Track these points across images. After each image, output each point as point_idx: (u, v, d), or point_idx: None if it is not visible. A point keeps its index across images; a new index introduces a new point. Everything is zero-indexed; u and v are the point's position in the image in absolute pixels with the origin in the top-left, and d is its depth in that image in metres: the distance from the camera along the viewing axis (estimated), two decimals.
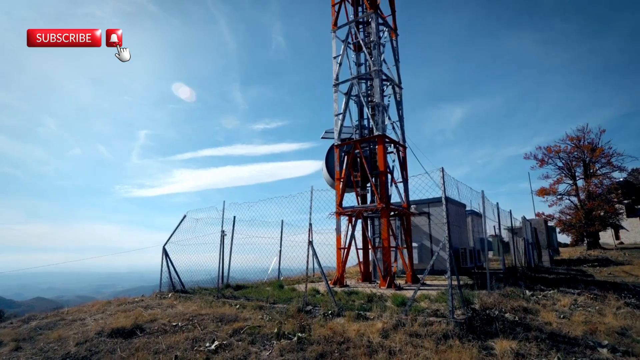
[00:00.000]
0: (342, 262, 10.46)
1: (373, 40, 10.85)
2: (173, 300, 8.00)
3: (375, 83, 10.53)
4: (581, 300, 6.66)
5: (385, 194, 9.93)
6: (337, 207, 10.69)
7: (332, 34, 11.96)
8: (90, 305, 7.45)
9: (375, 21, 10.93)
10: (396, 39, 12.20)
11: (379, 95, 10.40)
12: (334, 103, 11.50)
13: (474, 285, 8.06)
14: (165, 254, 9.43)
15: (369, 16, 11.16)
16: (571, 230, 37.19)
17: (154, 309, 6.83)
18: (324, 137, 13.82)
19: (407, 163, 11.34)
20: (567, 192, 37.52)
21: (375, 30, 10.87)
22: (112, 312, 6.54)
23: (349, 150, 11.20)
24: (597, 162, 35.97)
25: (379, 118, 10.26)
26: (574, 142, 36.79)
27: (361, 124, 12.04)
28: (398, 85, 11.73)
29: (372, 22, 10.97)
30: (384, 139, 10.20)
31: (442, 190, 5.79)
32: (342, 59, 11.59)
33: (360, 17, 11.60)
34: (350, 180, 11.31)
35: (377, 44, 10.79)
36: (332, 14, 12.17)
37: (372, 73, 10.75)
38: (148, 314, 6.09)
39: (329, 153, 13.41)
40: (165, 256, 9.43)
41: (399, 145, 11.18)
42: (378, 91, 10.42)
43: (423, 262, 13.59)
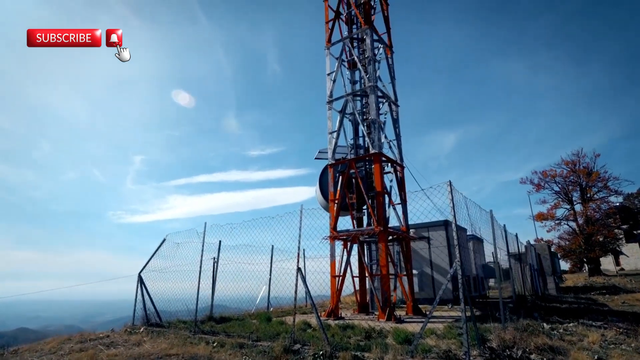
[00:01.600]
0: (337, 291, 9.55)
1: (368, 56, 10.43)
2: (144, 335, 7.02)
3: (371, 99, 10.00)
4: (610, 335, 5.84)
5: (383, 217, 9.19)
6: (331, 230, 9.90)
7: (326, 50, 11.56)
8: (45, 342, 6.46)
9: (370, 37, 10.55)
10: (391, 56, 11.82)
11: (374, 111, 9.85)
12: (328, 121, 10.94)
13: (484, 318, 7.20)
14: (140, 282, 8.49)
15: (364, 32, 10.79)
16: (571, 256, 36.36)
17: (117, 347, 5.88)
18: (318, 158, 13.17)
19: (405, 184, 10.66)
20: (565, 217, 36.96)
21: (370, 45, 10.47)
22: (67, 352, 5.58)
23: (344, 170, 10.52)
24: (593, 186, 35.63)
25: (375, 135, 9.66)
26: (570, 166, 36.60)
27: (356, 143, 11.44)
28: (394, 102, 11.23)
29: (367, 37, 10.59)
30: (380, 158, 9.56)
31: (451, 207, 5.06)
32: (336, 75, 11.13)
33: (355, 33, 11.24)
34: (345, 202, 10.59)
35: (372, 60, 10.35)
36: (326, 31, 11.83)
37: (367, 89, 10.25)
38: (106, 355, 5.15)
39: (322, 174, 12.72)
40: (141, 284, 8.49)
41: (397, 165, 10.54)
42: (374, 107, 9.88)
43: (424, 290, 12.66)
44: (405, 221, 10.25)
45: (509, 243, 10.56)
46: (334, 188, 10.45)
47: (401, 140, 11.10)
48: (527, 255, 13.57)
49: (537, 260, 15.83)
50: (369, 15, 10.82)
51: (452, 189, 5.18)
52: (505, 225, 10.35)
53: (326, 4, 12.07)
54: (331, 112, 10.95)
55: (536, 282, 14.08)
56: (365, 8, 10.88)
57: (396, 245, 11.54)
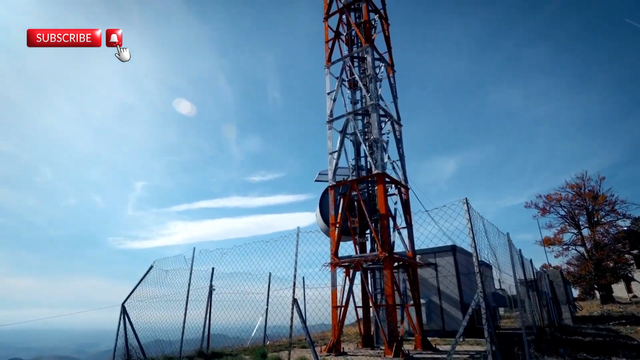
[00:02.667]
0: (339, 323, 8.79)
1: (369, 74, 10.10)
2: None
3: (373, 118, 9.58)
4: None
5: (388, 241, 8.55)
6: (332, 257, 9.24)
7: (326, 69, 11.28)
8: None
9: (371, 55, 10.26)
10: (393, 75, 11.53)
11: (377, 130, 9.41)
12: (328, 140, 10.49)
13: (504, 354, 6.43)
14: (123, 314, 7.77)
15: (365, 50, 10.51)
16: (581, 282, 35.10)
17: None
18: (318, 180, 12.66)
19: (410, 206, 10.08)
20: (573, 242, 35.95)
21: (371, 63, 10.16)
22: None
23: (345, 192, 9.96)
24: (600, 210, 34.84)
25: (378, 155, 9.17)
26: (575, 189, 35.94)
27: (358, 164, 10.95)
28: (397, 121, 10.82)
29: (368, 55, 10.30)
30: (384, 178, 9.03)
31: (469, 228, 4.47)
32: (336, 94, 10.78)
33: (355, 51, 10.98)
34: (347, 226, 9.97)
35: (373, 77, 10.01)
36: (326, 50, 11.59)
37: (369, 107, 9.85)
38: None
39: (323, 196, 12.16)
40: (124, 316, 7.76)
41: (401, 186, 9.99)
42: (376, 126, 9.44)
43: (432, 321, 11.80)
44: (412, 246, 9.60)
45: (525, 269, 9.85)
46: (335, 211, 9.87)
47: (405, 161, 10.61)
48: (541, 282, 12.78)
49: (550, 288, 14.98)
50: (369, 34, 10.59)
51: (469, 208, 4.60)
52: (520, 250, 9.68)
53: (326, 23, 11.91)
54: (331, 132, 10.52)
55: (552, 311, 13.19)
56: (366, 26, 10.67)
57: (401, 272, 10.83)
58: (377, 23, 11.77)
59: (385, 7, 12.27)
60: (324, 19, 11.98)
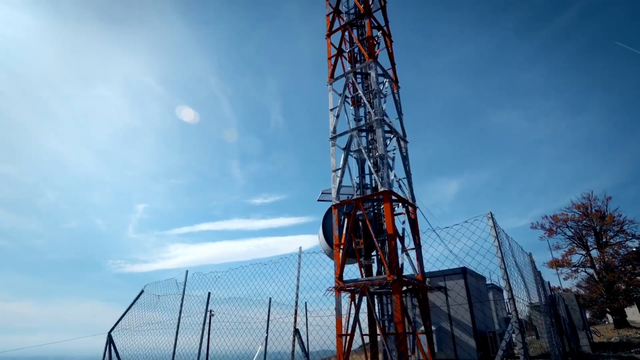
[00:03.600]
0: (344, 353, 8.12)
1: (374, 89, 9.81)
2: None
3: (378, 133, 9.21)
4: None
5: (397, 263, 7.99)
6: (337, 280, 8.66)
7: (329, 86, 11.01)
8: None
9: (374, 70, 10.00)
10: (398, 91, 11.25)
11: (382, 146, 9.01)
12: (332, 158, 10.09)
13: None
14: (109, 343, 7.14)
15: (368, 66, 10.26)
16: (593, 306, 33.94)
17: None
18: (321, 200, 12.17)
19: (418, 226, 9.55)
20: (582, 264, 34.99)
21: (375, 79, 9.89)
22: None
23: (350, 211, 9.47)
24: (609, 230, 34.07)
25: (384, 172, 8.74)
26: (581, 209, 35.28)
27: (362, 183, 10.51)
28: (403, 138, 10.45)
29: (372, 71, 10.04)
30: (390, 196, 8.55)
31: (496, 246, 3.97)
32: (339, 110, 10.46)
33: (359, 67, 10.73)
34: (351, 248, 9.43)
35: (377, 93, 9.72)
36: (329, 66, 11.37)
37: (373, 123, 9.49)
38: None
39: (326, 216, 11.66)
40: (110, 345, 7.13)
41: (409, 205, 9.50)
42: (381, 142, 9.05)
43: (443, 350, 11.06)
44: (421, 268, 9.02)
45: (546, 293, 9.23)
46: (339, 231, 9.35)
47: (411, 179, 10.17)
48: (559, 306, 12.07)
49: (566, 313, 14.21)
50: (372, 49, 10.37)
51: (495, 224, 4.11)
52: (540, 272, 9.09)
53: (328, 40, 11.75)
54: (334, 149, 10.13)
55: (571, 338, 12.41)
56: (370, 42, 10.46)
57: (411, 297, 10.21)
58: (380, 40, 11.61)
59: (388, 24, 12.14)
60: (326, 35, 11.83)
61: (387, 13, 12.38)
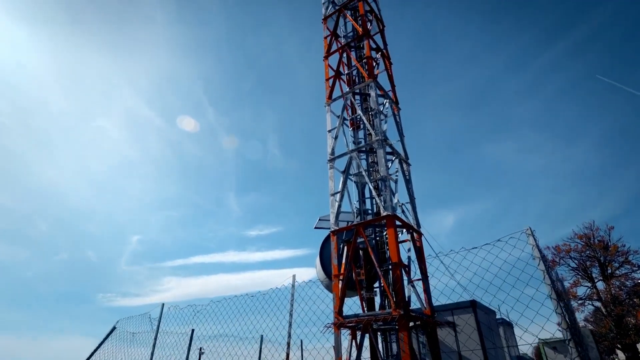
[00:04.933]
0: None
1: (374, 109, 9.37)
2: None
3: (379, 154, 8.66)
4: None
5: (403, 296, 7.18)
6: (336, 316, 7.79)
7: (327, 107, 10.60)
8: None
9: (374, 90, 9.61)
10: (398, 113, 10.83)
11: (384, 167, 8.43)
12: (330, 181, 9.47)
13: None
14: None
15: (368, 86, 9.88)
16: (603, 341, 32.38)
17: None
18: (318, 227, 11.41)
19: (424, 255, 8.80)
20: (588, 296, 33.76)
21: (374, 98, 9.48)
22: None
23: (349, 239, 8.74)
24: (613, 261, 33.14)
25: (387, 195, 8.10)
26: (584, 240, 34.49)
27: (363, 209, 9.85)
28: (405, 160, 9.90)
29: (371, 91, 9.64)
30: (394, 221, 7.87)
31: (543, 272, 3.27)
32: (337, 132, 9.97)
33: (358, 87, 10.35)
34: (352, 279, 8.61)
35: (377, 113, 9.27)
36: (326, 88, 11.01)
37: (374, 143, 8.96)
38: None
39: (324, 245, 10.88)
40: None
41: (414, 231, 8.78)
42: (383, 163, 8.48)
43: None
44: (429, 301, 8.18)
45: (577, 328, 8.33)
46: (338, 261, 8.57)
47: (416, 204, 9.53)
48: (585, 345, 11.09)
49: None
50: (372, 69, 10.03)
51: (537, 242, 3.43)
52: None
53: (326, 62, 11.46)
54: (333, 172, 9.54)
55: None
56: (369, 62, 10.15)
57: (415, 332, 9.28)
58: (379, 61, 11.34)
59: (387, 47, 11.92)
60: (324, 57, 11.56)
61: (385, 36, 12.22)
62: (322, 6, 12.68)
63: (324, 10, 12.46)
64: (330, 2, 12.54)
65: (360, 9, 11.20)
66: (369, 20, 11.73)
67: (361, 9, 11.13)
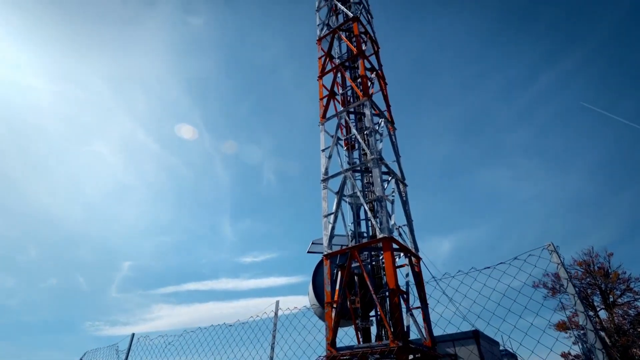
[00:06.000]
0: None
1: (369, 127, 9.08)
2: None
3: (375, 173, 8.29)
4: None
5: (401, 326, 6.61)
6: (328, 347, 7.17)
7: (321, 126, 10.31)
8: None
9: (369, 108, 9.36)
10: (394, 133, 10.57)
11: (380, 187, 8.04)
12: (323, 202, 9.04)
13: None
14: None
15: (363, 104, 9.63)
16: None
17: None
18: (311, 251, 10.85)
19: (423, 281, 8.26)
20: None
21: (370, 117, 9.21)
22: None
23: (344, 263, 8.21)
24: (615, 289, 32.41)
25: (383, 216, 7.65)
26: (583, 267, 33.88)
27: (357, 231, 9.39)
28: (402, 181, 9.53)
29: (366, 109, 9.39)
30: (391, 244, 7.39)
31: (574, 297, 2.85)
32: (331, 151, 9.64)
33: (352, 106, 10.11)
34: (346, 307, 8.02)
35: (373, 131, 8.97)
36: (320, 107, 10.77)
37: (369, 163, 8.61)
38: None
39: (317, 270, 10.29)
40: None
41: (412, 255, 8.28)
42: (379, 182, 8.09)
43: None
44: (429, 331, 7.58)
45: None
46: (332, 287, 8.01)
47: (413, 226, 9.07)
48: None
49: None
50: (367, 88, 9.84)
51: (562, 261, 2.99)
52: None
53: (320, 82, 11.29)
54: (326, 192, 9.12)
55: None
56: (363, 81, 9.96)
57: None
58: (374, 81, 11.19)
59: (382, 68, 11.82)
60: (318, 77, 11.39)
61: (380, 57, 12.15)
62: (316, 28, 12.68)
63: (318, 31, 12.44)
64: (324, 25, 12.55)
65: (354, 29, 11.15)
66: (363, 41, 11.69)
67: (355, 30, 11.08)
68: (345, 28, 11.78)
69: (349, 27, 11.67)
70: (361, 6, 12.59)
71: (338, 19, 12.65)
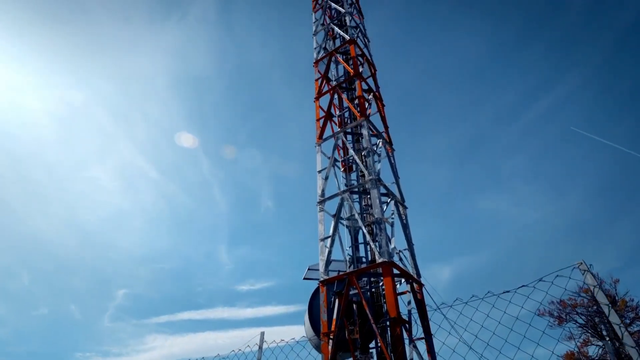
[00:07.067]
0: None
1: (366, 148, 8.83)
2: None
3: (373, 194, 7.95)
4: None
5: (404, 359, 6.08)
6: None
7: (317, 147, 10.08)
8: None
9: (366, 129, 9.15)
10: (392, 154, 10.31)
11: (378, 209, 7.69)
12: (319, 225, 8.66)
13: None
14: None
15: (360, 125, 9.43)
16: None
17: None
18: (307, 278, 10.33)
19: (426, 308, 7.75)
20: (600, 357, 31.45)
21: (367, 137, 8.98)
22: None
23: (341, 290, 7.72)
24: (623, 317, 31.35)
25: (383, 239, 7.26)
26: (590, 294, 32.96)
27: (356, 256, 8.95)
28: (402, 203, 9.18)
29: (364, 129, 9.18)
30: (391, 269, 6.95)
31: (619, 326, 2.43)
32: (328, 172, 9.35)
33: (350, 126, 9.90)
34: (344, 338, 7.47)
35: (371, 151, 8.72)
36: (317, 128, 10.58)
37: (367, 184, 8.30)
38: None
39: (313, 298, 9.73)
40: None
41: (413, 281, 7.81)
42: (377, 204, 7.75)
43: None
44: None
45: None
46: (328, 316, 7.49)
47: (414, 251, 8.64)
48: None
49: None
50: (364, 108, 9.67)
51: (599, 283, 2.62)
52: None
53: (317, 103, 11.15)
54: (323, 215, 8.75)
55: None
56: (361, 101, 9.82)
57: None
58: (372, 102, 11.05)
59: (379, 89, 11.73)
60: (315, 98, 11.27)
61: (377, 79, 12.09)
62: (313, 51, 12.71)
63: (315, 54, 12.45)
64: (321, 47, 12.59)
65: (351, 51, 11.13)
66: (360, 63, 11.65)
67: (352, 52, 11.06)
68: (342, 51, 11.78)
69: (346, 49, 11.67)
70: (358, 30, 12.67)
71: (335, 43, 12.71)
